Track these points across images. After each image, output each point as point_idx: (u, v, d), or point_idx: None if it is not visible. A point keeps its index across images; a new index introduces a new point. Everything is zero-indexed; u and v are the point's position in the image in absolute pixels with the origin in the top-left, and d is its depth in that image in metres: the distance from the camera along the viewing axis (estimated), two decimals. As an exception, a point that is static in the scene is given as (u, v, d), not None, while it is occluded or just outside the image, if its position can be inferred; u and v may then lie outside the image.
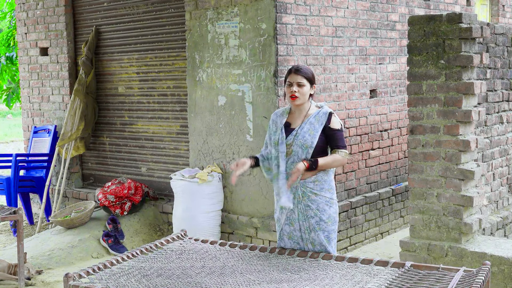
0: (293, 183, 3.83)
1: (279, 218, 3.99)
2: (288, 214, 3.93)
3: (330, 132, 3.88)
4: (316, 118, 3.89)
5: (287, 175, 3.86)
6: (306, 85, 3.87)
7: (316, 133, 3.85)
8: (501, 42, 5.39)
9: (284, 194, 3.88)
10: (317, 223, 3.86)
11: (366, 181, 6.64)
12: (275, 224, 5.49)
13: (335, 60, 6.22)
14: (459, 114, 4.70)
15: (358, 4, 6.46)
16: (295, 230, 3.91)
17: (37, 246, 6.22)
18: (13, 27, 11.01)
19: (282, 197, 3.89)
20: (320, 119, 3.88)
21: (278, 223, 4.01)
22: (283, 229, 3.97)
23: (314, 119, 3.88)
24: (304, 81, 3.86)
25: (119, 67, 7.23)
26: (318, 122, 3.87)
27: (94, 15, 7.40)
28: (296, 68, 3.91)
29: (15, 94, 11.68)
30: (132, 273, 3.38)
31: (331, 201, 3.92)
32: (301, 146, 3.84)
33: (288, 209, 3.90)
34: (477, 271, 3.13)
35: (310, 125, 3.87)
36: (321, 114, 3.90)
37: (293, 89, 3.85)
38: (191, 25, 6.26)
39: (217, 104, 6.16)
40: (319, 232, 3.85)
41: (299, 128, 3.88)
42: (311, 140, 3.83)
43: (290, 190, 3.87)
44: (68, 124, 7.28)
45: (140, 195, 6.65)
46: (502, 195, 5.66)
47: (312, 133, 3.84)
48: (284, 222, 3.95)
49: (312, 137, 3.84)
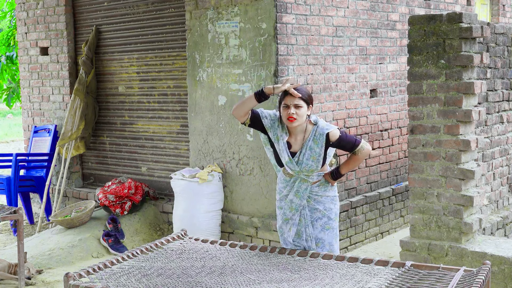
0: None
1: (282, 228, 4.02)
2: (291, 224, 3.96)
3: (336, 144, 3.86)
4: (314, 141, 3.81)
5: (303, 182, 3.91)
6: (303, 106, 3.76)
7: (319, 157, 3.83)
8: (501, 42, 5.39)
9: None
10: (326, 223, 3.93)
11: (366, 180, 6.64)
12: (275, 226, 5.50)
13: (335, 60, 6.22)
14: (460, 113, 4.70)
15: (358, 4, 6.45)
16: (291, 237, 3.97)
17: (37, 246, 6.22)
18: (13, 27, 11.01)
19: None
20: (319, 142, 3.81)
21: (280, 231, 4.06)
22: (286, 239, 4.00)
23: (313, 142, 3.81)
24: (301, 102, 3.75)
25: (119, 67, 7.23)
26: (317, 146, 3.82)
27: (94, 14, 7.40)
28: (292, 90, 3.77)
29: (15, 93, 11.68)
30: (132, 272, 3.38)
31: (335, 198, 4.00)
32: (307, 171, 3.86)
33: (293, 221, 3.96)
34: (477, 271, 3.13)
35: (311, 150, 3.82)
36: (318, 135, 3.81)
37: (291, 112, 3.73)
38: (191, 25, 6.26)
39: (217, 104, 6.16)
40: (328, 231, 3.93)
41: (301, 154, 3.83)
42: (316, 165, 3.85)
43: (298, 197, 3.92)
44: (68, 123, 7.28)
45: (140, 195, 6.65)
46: (502, 195, 5.66)
47: (314, 159, 3.83)
48: (288, 231, 3.98)
49: (315, 162, 3.83)
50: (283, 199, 3.98)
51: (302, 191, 3.90)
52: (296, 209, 3.93)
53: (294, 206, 3.93)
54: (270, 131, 3.87)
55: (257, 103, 3.77)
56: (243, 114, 3.82)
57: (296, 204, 3.92)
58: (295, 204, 3.92)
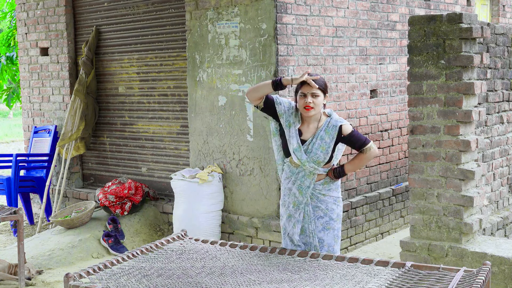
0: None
1: (285, 226, 4.01)
2: (294, 221, 3.95)
3: (347, 139, 3.88)
4: (326, 131, 3.85)
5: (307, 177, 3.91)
6: (320, 96, 3.83)
7: (328, 149, 3.85)
8: (502, 42, 5.39)
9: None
10: (327, 223, 3.93)
11: (367, 181, 6.64)
12: (277, 224, 5.50)
13: (336, 60, 6.22)
14: (460, 114, 4.70)
15: (358, 4, 6.46)
16: (296, 234, 3.95)
17: (37, 246, 6.22)
18: (14, 27, 11.01)
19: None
20: (330, 133, 3.85)
21: (283, 230, 4.04)
22: (289, 234, 4.00)
23: (325, 133, 3.85)
24: (318, 91, 3.82)
25: (119, 67, 7.24)
26: (329, 137, 3.85)
27: (95, 15, 7.40)
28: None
29: (15, 94, 11.69)
30: (132, 273, 3.38)
31: (338, 200, 3.99)
32: (314, 162, 3.86)
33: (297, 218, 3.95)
34: (477, 271, 3.13)
35: (321, 140, 3.84)
36: (331, 126, 3.86)
37: (308, 100, 3.79)
38: (191, 25, 6.26)
39: (217, 104, 6.16)
40: (329, 231, 3.92)
41: (311, 143, 3.86)
42: (324, 157, 3.86)
43: (300, 193, 3.92)
44: (68, 124, 7.28)
45: (140, 195, 6.65)
46: (503, 195, 5.66)
47: (324, 149, 3.84)
48: (292, 228, 3.97)
49: (324, 153, 3.85)
50: (286, 194, 3.98)
51: (304, 188, 3.91)
52: (298, 206, 3.93)
53: (297, 202, 3.93)
54: (283, 117, 3.90)
55: (272, 91, 3.83)
56: (257, 98, 3.87)
57: (299, 201, 3.92)
58: (298, 200, 3.92)
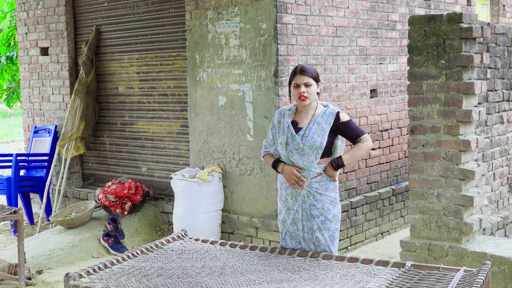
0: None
1: (284, 219, 4.00)
2: (293, 214, 3.94)
3: (343, 126, 3.90)
4: (323, 117, 3.89)
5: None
6: (313, 84, 3.88)
7: (324, 134, 3.85)
8: (502, 42, 5.39)
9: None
10: (322, 223, 3.88)
11: (367, 181, 6.64)
12: (277, 224, 5.50)
13: (336, 60, 6.22)
14: (460, 114, 4.70)
15: (358, 4, 6.46)
16: (298, 230, 3.93)
17: (37, 246, 6.22)
18: (14, 27, 11.02)
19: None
20: (327, 119, 3.88)
21: (283, 224, 4.02)
22: (288, 230, 3.98)
23: (321, 118, 3.88)
24: (310, 80, 3.87)
25: (119, 67, 7.24)
26: (325, 122, 3.87)
27: (95, 15, 7.40)
28: (301, 69, 3.90)
29: (15, 94, 11.69)
30: (132, 273, 3.38)
31: (335, 201, 3.95)
32: (310, 147, 3.84)
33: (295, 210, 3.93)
34: (477, 271, 3.13)
35: (318, 125, 3.86)
36: (328, 113, 3.90)
37: (302, 90, 3.85)
38: (191, 25, 6.26)
39: (217, 104, 6.16)
40: (324, 232, 3.88)
41: (307, 128, 3.88)
42: (320, 141, 3.84)
43: (296, 192, 3.91)
44: (68, 124, 7.28)
45: (140, 195, 6.65)
46: (503, 195, 5.66)
47: (320, 134, 3.85)
48: (291, 222, 3.96)
49: (321, 137, 3.84)
50: (283, 188, 3.98)
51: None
52: (296, 198, 3.91)
53: (295, 194, 3.91)
54: (279, 128, 3.96)
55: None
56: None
57: (297, 193, 3.91)
58: (296, 192, 3.92)
